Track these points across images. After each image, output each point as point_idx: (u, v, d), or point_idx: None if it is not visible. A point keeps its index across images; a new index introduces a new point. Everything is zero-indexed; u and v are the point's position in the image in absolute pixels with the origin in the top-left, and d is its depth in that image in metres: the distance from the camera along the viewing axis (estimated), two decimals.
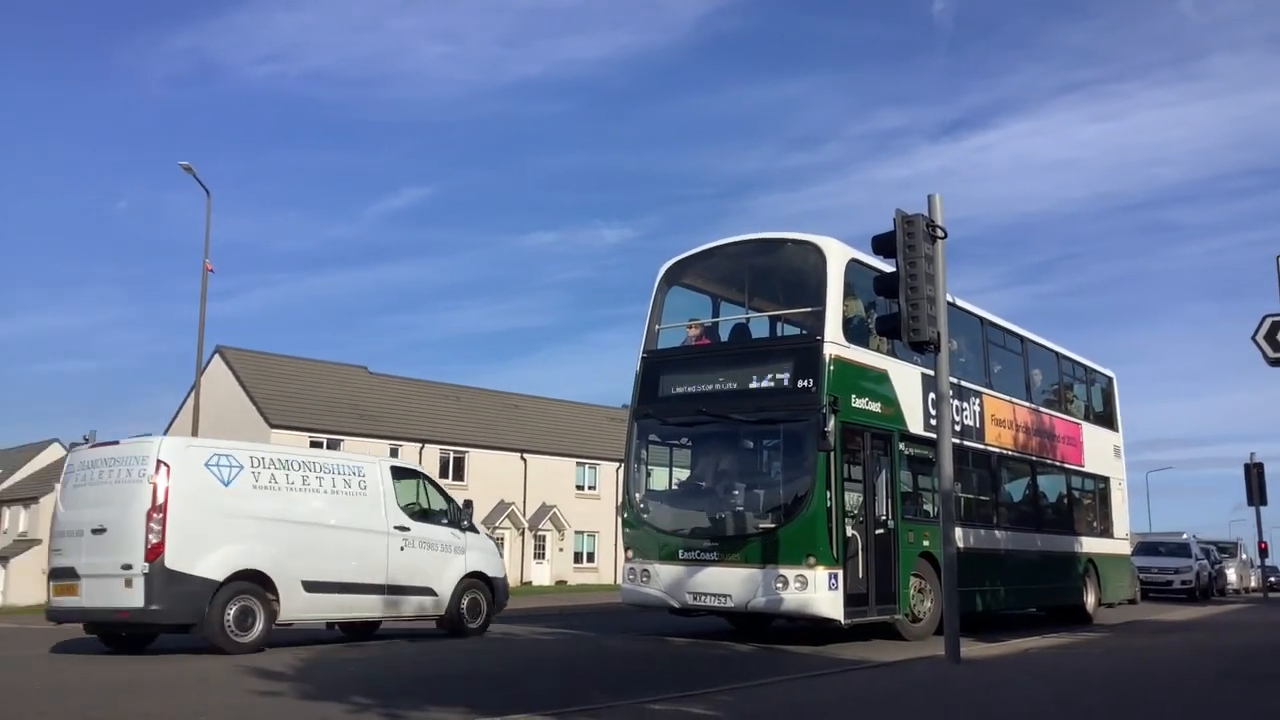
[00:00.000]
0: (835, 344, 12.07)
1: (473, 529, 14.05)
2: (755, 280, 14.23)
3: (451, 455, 46.70)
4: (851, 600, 11.65)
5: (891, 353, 13.16)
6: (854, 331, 12.61)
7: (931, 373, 13.20)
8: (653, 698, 6.84)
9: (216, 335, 56.41)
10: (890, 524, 12.62)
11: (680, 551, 12.38)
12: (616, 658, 11.33)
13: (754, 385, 12.46)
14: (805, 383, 11.96)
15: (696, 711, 6.22)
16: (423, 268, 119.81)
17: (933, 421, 13.06)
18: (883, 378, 12.99)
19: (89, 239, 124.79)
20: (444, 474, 45.94)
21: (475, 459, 47.22)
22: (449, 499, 13.91)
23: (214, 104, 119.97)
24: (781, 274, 13.98)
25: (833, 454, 11.57)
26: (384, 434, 44.58)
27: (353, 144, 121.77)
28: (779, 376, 12.27)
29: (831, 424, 11.36)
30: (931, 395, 13.16)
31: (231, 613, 10.68)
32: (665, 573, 12.42)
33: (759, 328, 14.07)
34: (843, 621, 11.52)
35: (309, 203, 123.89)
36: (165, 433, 47.58)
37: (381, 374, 50.18)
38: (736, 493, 12.61)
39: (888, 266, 12.30)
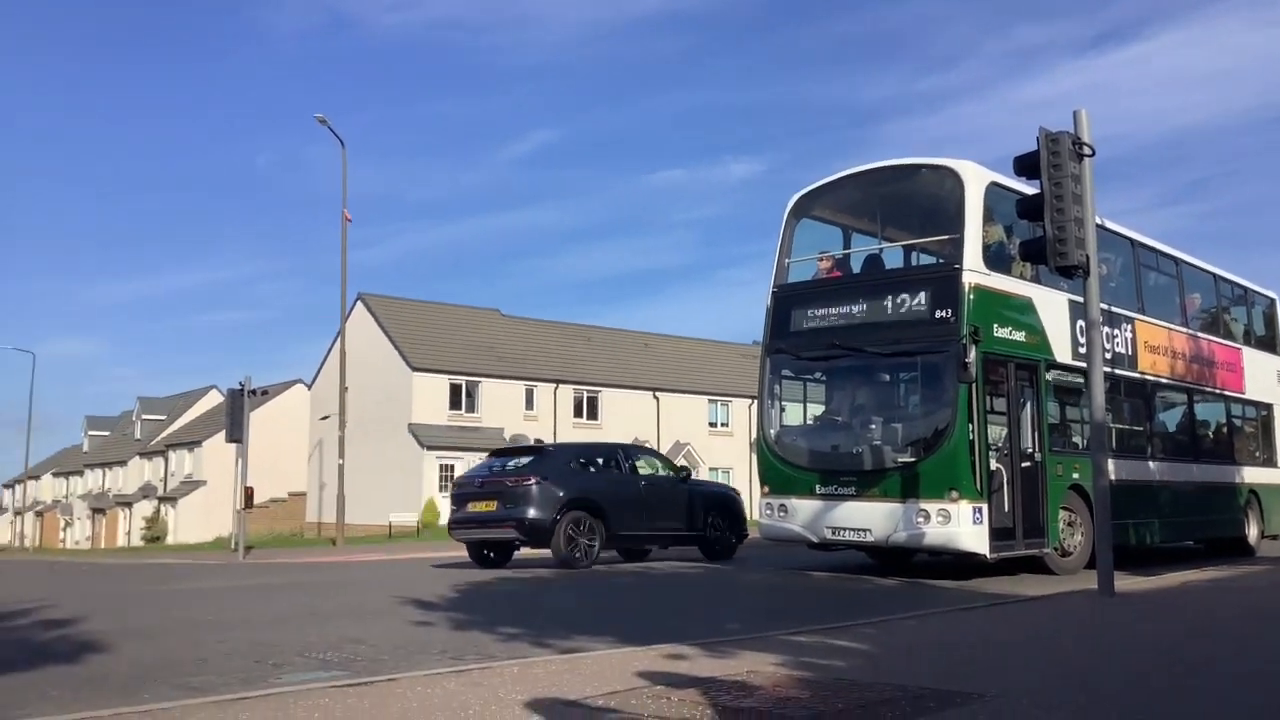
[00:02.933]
0: (975, 272, 11.68)
1: None
2: (888, 209, 13.84)
3: (585, 395, 47.40)
4: (997, 534, 11.39)
5: (1036, 279, 12.69)
6: (995, 258, 12.19)
7: (1080, 299, 12.68)
8: (796, 630, 6.85)
9: (358, 283, 58.27)
10: (1037, 456, 12.25)
11: (817, 486, 12.28)
12: (757, 591, 11.40)
13: (890, 317, 12.17)
14: (944, 313, 11.63)
15: (842, 644, 6.20)
16: (552, 210, 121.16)
17: (1081, 350, 12.60)
18: (1027, 306, 12.54)
19: (235, 194, 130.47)
20: (578, 414, 46.73)
21: (608, 398, 47.82)
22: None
23: (345, 56, 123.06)
24: (916, 201, 13.53)
25: (974, 385, 11.26)
26: (519, 375, 45.51)
27: (481, 90, 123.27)
28: (916, 307, 11.96)
29: (972, 354, 11.05)
30: (1080, 322, 12.66)
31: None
32: (803, 507, 12.38)
33: (893, 258, 13.70)
34: (988, 556, 11.29)
35: (440, 150, 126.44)
36: (314, 378, 49.76)
37: (514, 316, 51.13)
38: (874, 426, 12.40)
39: (1031, 189, 11.84)
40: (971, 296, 11.55)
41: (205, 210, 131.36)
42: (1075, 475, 12.65)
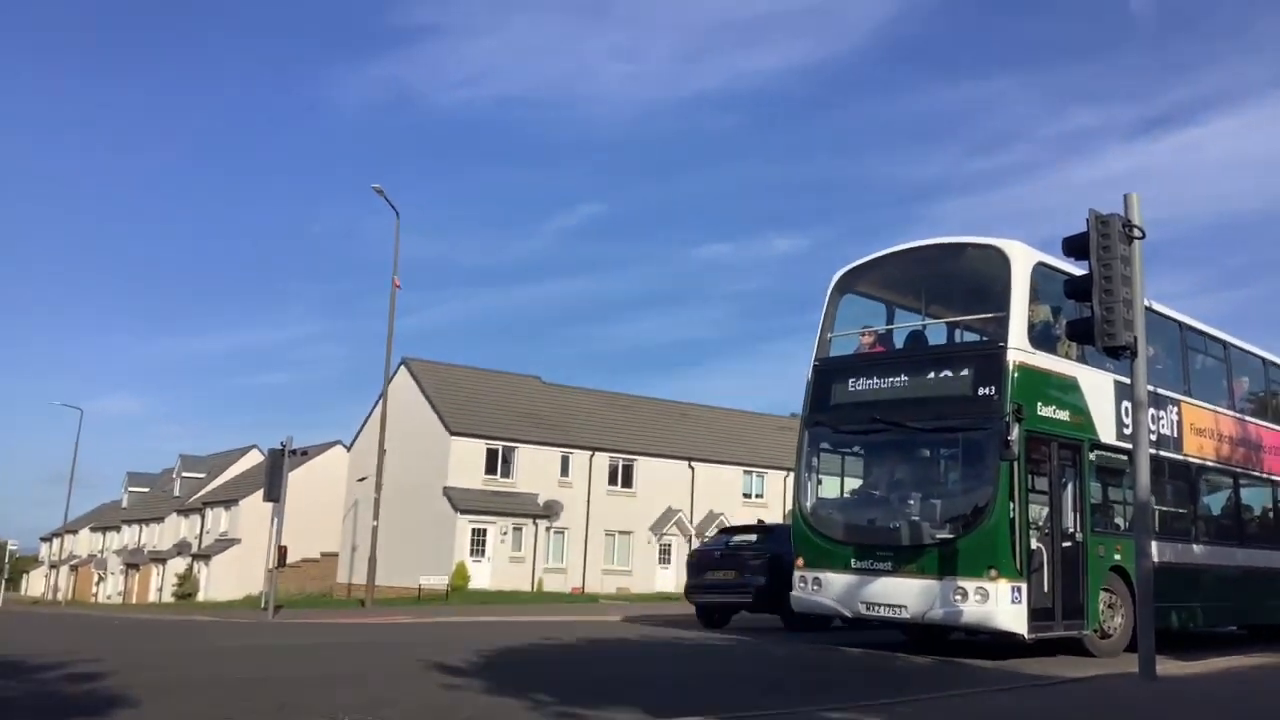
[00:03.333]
0: (1020, 350, 11.63)
1: None
2: (933, 287, 13.83)
3: (621, 462, 47.24)
4: (1035, 614, 11.17)
5: (1082, 359, 12.59)
6: (1040, 337, 12.14)
7: (1125, 379, 12.54)
8: (828, 706, 6.69)
9: (403, 348, 59.00)
10: (1078, 536, 12.04)
11: (853, 560, 12.11)
12: (786, 665, 11.16)
13: (932, 392, 12.09)
14: (987, 390, 11.56)
15: None
16: (596, 281, 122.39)
17: (1126, 430, 12.48)
18: (1071, 385, 12.41)
19: (288, 259, 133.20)
20: (613, 481, 46.55)
21: (643, 466, 47.61)
22: None
23: (407, 129, 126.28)
24: (962, 280, 13.52)
25: (1016, 463, 11.13)
26: (556, 441, 45.50)
27: (534, 163, 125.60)
28: (959, 383, 11.89)
29: (1015, 433, 10.95)
30: (1125, 403, 12.55)
31: None
32: (837, 581, 12.20)
33: (935, 336, 13.62)
34: (1026, 636, 11.06)
35: (490, 221, 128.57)
36: (354, 439, 50.04)
37: (554, 383, 51.29)
38: (913, 502, 12.22)
39: (1078, 270, 11.81)
40: (1015, 374, 11.48)
41: (258, 274, 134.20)
42: (1117, 556, 12.44)
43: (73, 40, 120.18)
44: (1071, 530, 12.02)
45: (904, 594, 11.58)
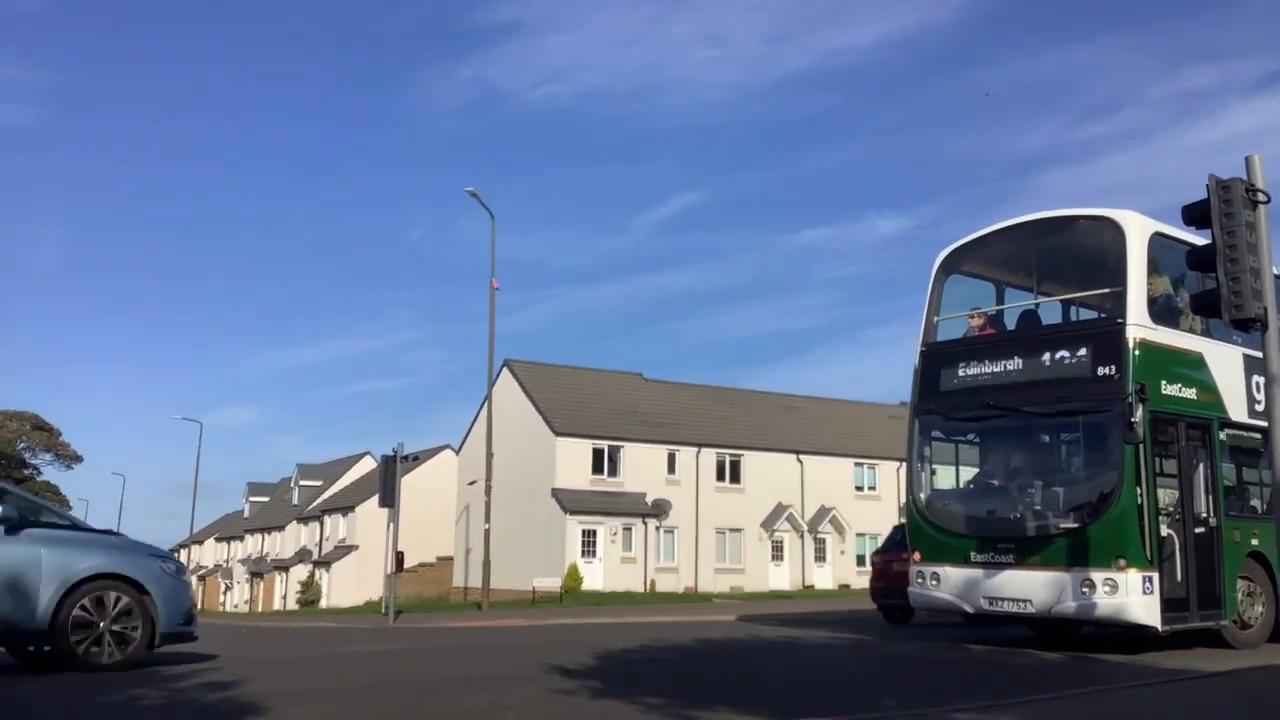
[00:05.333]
0: (1140, 326, 11.17)
1: None
2: (1044, 263, 13.36)
3: (728, 458, 47.06)
4: (1169, 605, 10.70)
5: (1206, 333, 12.06)
6: (1160, 312, 11.63)
7: (1255, 353, 11.91)
8: (955, 706, 6.50)
9: (504, 349, 59.73)
10: (1212, 521, 11.49)
11: (973, 554, 11.75)
12: (909, 664, 10.91)
13: (1048, 375, 11.66)
14: (1108, 370, 11.11)
15: None
16: (694, 273, 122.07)
17: (1258, 407, 11.92)
18: (1197, 361, 11.88)
19: (389, 266, 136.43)
20: (720, 477, 46.41)
21: (751, 461, 47.34)
22: None
23: (497, 130, 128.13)
24: (1074, 254, 13.05)
25: (1142, 446, 10.67)
26: (661, 439, 45.55)
27: (624, 157, 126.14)
28: (1077, 364, 11.46)
29: (1139, 413, 10.49)
30: (1257, 378, 11.94)
31: None
32: (956, 576, 11.87)
33: (1048, 314, 13.16)
34: (1159, 628, 10.60)
35: (584, 217, 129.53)
36: (462, 443, 50.97)
37: (656, 380, 51.38)
38: (1034, 491, 11.83)
39: (1199, 239, 11.27)
40: (1137, 352, 11.03)
41: (363, 282, 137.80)
42: (1254, 542, 11.86)
43: (167, 57, 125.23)
44: (1204, 515, 11.47)
45: (1029, 587, 11.20)
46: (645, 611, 23.77)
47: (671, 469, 45.30)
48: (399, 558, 25.58)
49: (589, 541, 41.56)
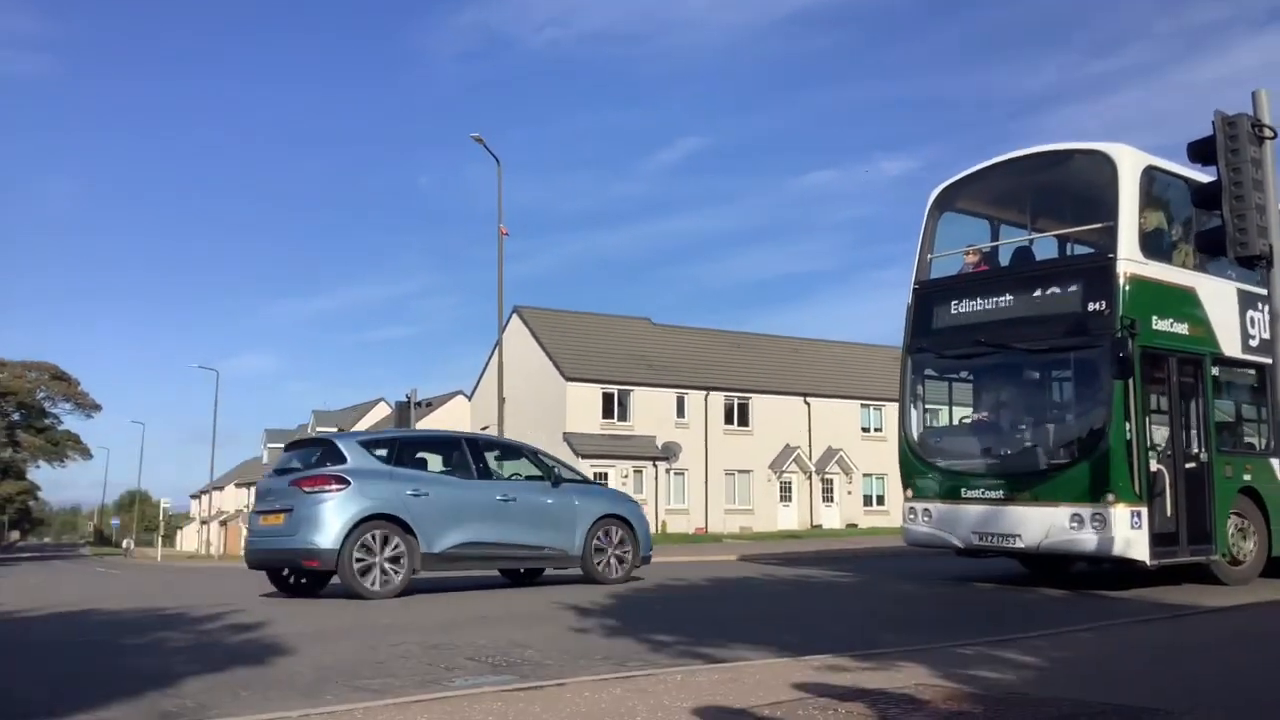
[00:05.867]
0: (1131, 261, 11.08)
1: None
2: (1037, 199, 13.31)
3: (736, 401, 47.30)
4: (1158, 540, 10.72)
5: (1200, 268, 12.06)
6: (1153, 247, 11.58)
7: (1250, 288, 12.08)
8: (959, 641, 6.67)
9: (513, 296, 59.88)
10: (1202, 457, 11.52)
11: (963, 490, 11.88)
12: (915, 601, 11.14)
13: (1039, 311, 11.63)
14: (1097, 305, 11.06)
15: (1012, 656, 6.01)
16: (701, 217, 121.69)
17: (1252, 343, 12.03)
18: (1189, 296, 11.84)
19: (399, 214, 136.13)
20: (729, 420, 46.73)
21: (759, 404, 47.59)
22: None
23: (500, 75, 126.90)
24: (1066, 189, 12.96)
25: (1132, 382, 10.73)
26: (670, 383, 45.77)
27: (629, 101, 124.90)
28: (1067, 300, 11.38)
29: (1129, 348, 10.57)
30: (1252, 313, 12.09)
31: None
32: (948, 512, 11.99)
33: (1044, 250, 13.14)
34: (1148, 563, 10.66)
35: (591, 162, 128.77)
36: (474, 389, 51.27)
37: (664, 324, 51.47)
38: (1024, 427, 11.95)
39: (1194, 173, 11.36)
40: (1127, 287, 10.99)
41: (372, 230, 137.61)
42: (1247, 477, 11.95)
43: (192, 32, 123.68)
44: (1195, 451, 11.53)
45: (1018, 522, 11.30)
46: (657, 552, 24.04)
47: (681, 412, 45.59)
48: None
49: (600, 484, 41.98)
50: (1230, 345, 12.14)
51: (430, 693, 5.10)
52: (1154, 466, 10.96)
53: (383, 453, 12.13)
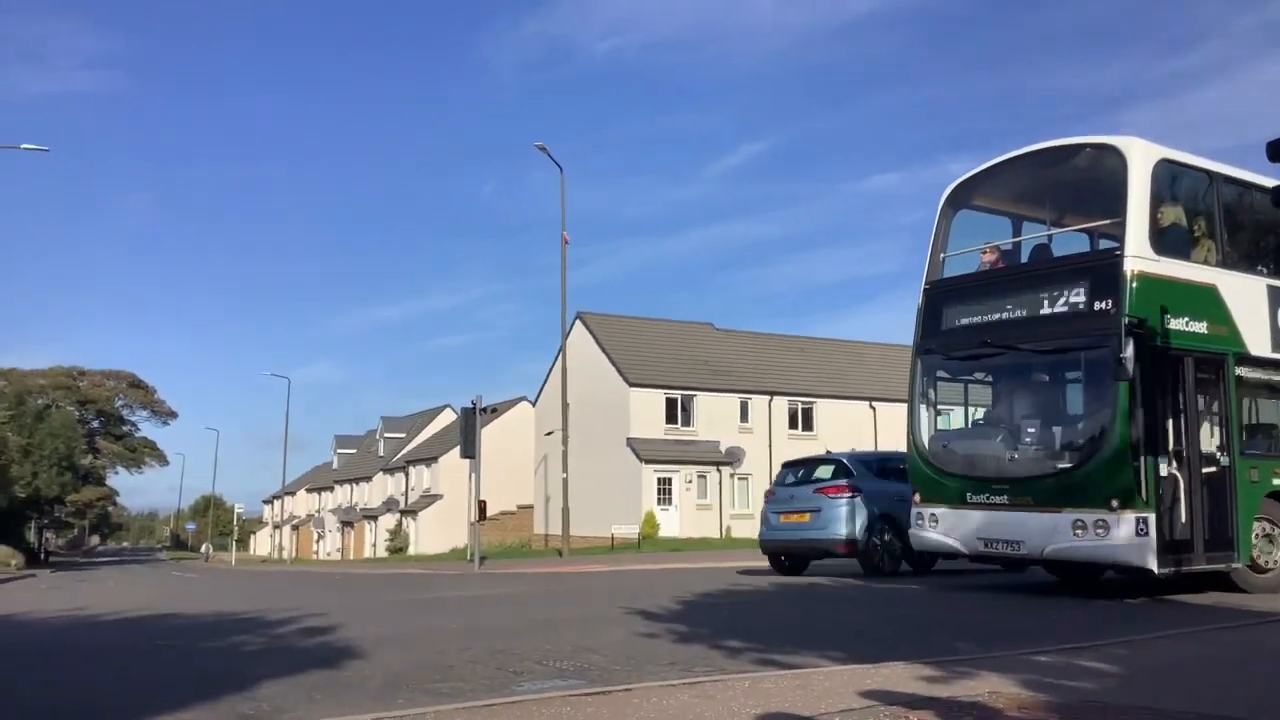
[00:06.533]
0: (1139, 258, 10.59)
1: None
2: (1052, 194, 12.89)
3: (800, 406, 46.96)
4: (1168, 547, 10.23)
5: (1224, 264, 11.54)
6: (1169, 243, 11.10)
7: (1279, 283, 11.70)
8: (1033, 649, 6.55)
9: (576, 302, 60.29)
10: (1223, 460, 10.96)
11: (969, 495, 11.50)
12: (984, 608, 10.90)
13: (1045, 311, 11.19)
14: (1104, 304, 10.60)
15: (1088, 664, 5.88)
16: (763, 222, 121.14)
17: None
18: (1209, 294, 11.27)
19: (464, 223, 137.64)
20: (793, 425, 46.38)
21: (823, 409, 47.20)
22: None
23: (564, 84, 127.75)
24: (1079, 184, 12.51)
25: (1138, 383, 10.26)
26: (733, 388, 45.60)
27: (691, 107, 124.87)
28: (1074, 299, 10.94)
29: (1130, 349, 10.06)
30: None
31: None
32: (954, 517, 11.66)
33: (1061, 248, 12.64)
34: (1156, 571, 10.15)
35: (652, 168, 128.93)
36: (538, 395, 51.64)
37: (727, 329, 51.34)
38: (1028, 430, 11.50)
39: (1218, 166, 11.37)
40: (1134, 285, 10.51)
41: (437, 240, 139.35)
42: (1277, 481, 11.40)
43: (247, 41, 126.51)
44: (1214, 454, 10.99)
45: (1020, 529, 10.89)
46: (722, 557, 24.02)
47: (744, 417, 45.39)
48: (481, 506, 26.18)
49: (664, 489, 41.96)
50: (1258, 344, 11.59)
51: (498, 697, 5.14)
52: (1164, 471, 10.46)
53: (873, 468, 15.90)
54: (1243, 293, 11.62)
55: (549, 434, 43.42)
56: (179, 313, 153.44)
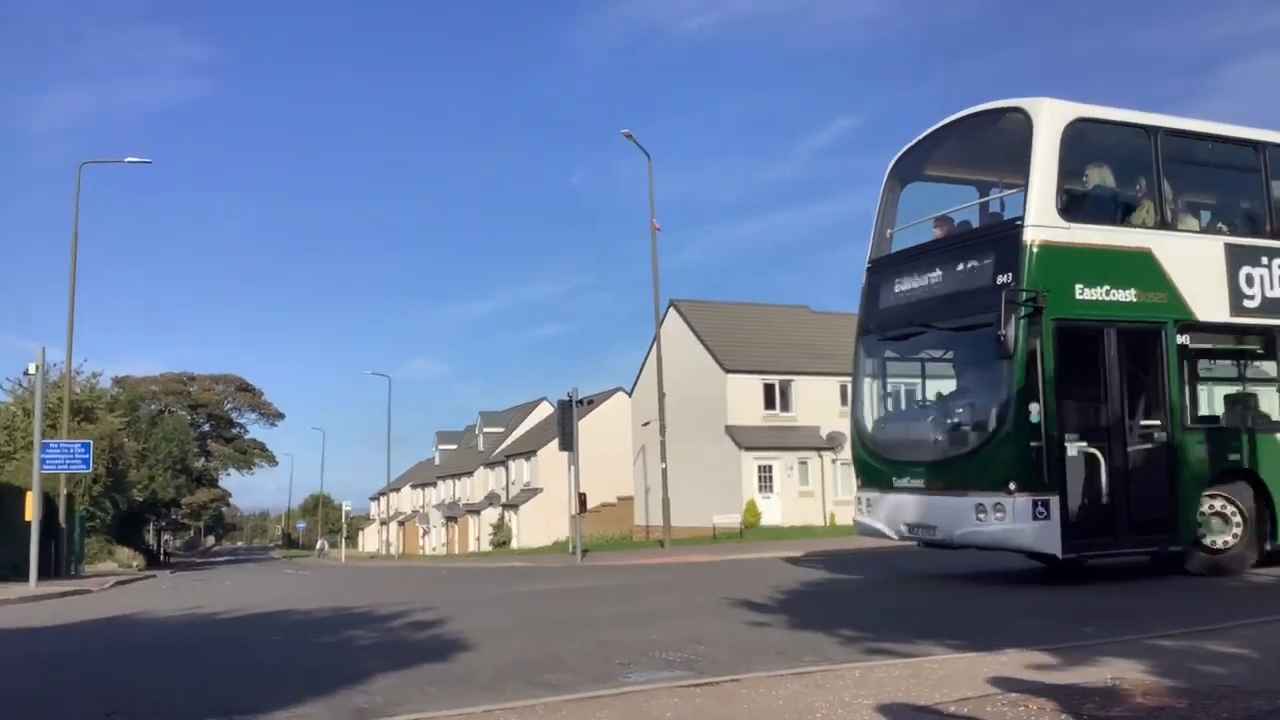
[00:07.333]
0: (1041, 227, 10.08)
1: None
2: (990, 161, 12.27)
3: None
4: (1077, 531, 9.77)
5: (1165, 225, 10.81)
6: (1091, 207, 10.60)
7: (1251, 242, 11.14)
8: (1157, 633, 6.30)
9: (669, 289, 60.34)
10: (1159, 436, 10.35)
11: (894, 479, 11.24)
12: (1105, 593, 10.52)
13: (962, 286, 10.74)
14: (1006, 277, 10.07)
15: (1217, 648, 5.63)
16: (856, 199, 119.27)
17: (1250, 303, 10.87)
18: (1142, 259, 10.55)
19: (553, 213, 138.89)
20: None
21: None
22: None
23: (648, 67, 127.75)
24: (1006, 150, 11.62)
25: (1045, 360, 9.78)
26: (833, 372, 44.99)
27: (778, 85, 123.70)
28: (984, 273, 10.46)
29: (1013, 325, 9.59)
30: (1249, 271, 10.88)
31: None
32: (883, 502, 11.42)
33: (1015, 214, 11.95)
34: (1059, 555, 9.78)
35: (741, 149, 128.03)
36: (633, 385, 51.81)
37: (824, 311, 50.70)
38: (942, 412, 11.21)
39: (1159, 119, 10.90)
40: (1034, 255, 10.00)
41: (527, 232, 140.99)
42: (1236, 457, 10.69)
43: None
44: (1150, 430, 10.36)
45: (934, 513, 10.63)
46: (826, 544, 23.76)
47: (845, 401, 44.75)
48: (581, 499, 26.38)
49: (765, 477, 41.68)
50: (1210, 309, 10.79)
51: (606, 689, 5.14)
52: (1074, 451, 9.92)
53: None
54: (1189, 255, 10.89)
55: (646, 424, 43.51)
56: (280, 316, 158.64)
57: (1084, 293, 10.21)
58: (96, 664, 8.03)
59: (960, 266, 10.89)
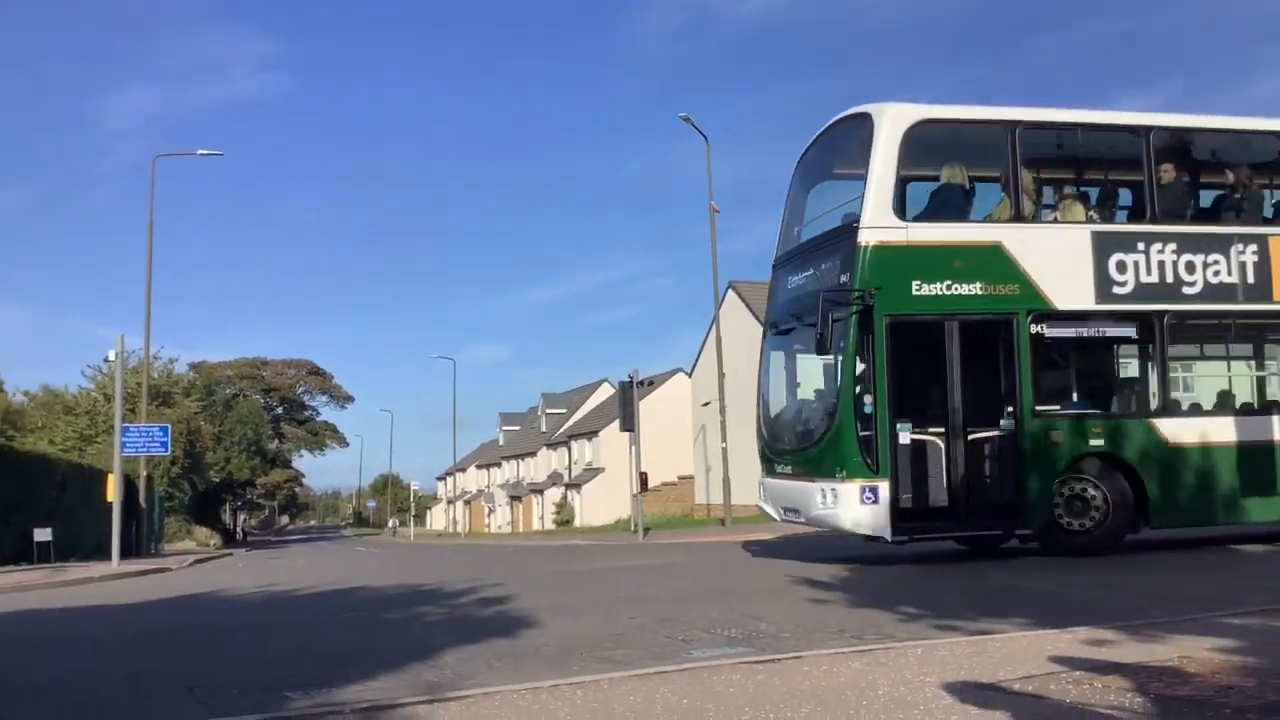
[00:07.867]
0: (876, 229, 10.72)
1: None
2: (857, 164, 12.30)
3: None
4: (908, 515, 10.53)
5: (1022, 218, 11.17)
6: (936, 206, 11.24)
7: (1118, 228, 11.54)
8: (1232, 611, 6.20)
9: (728, 271, 60.15)
10: (1006, 424, 10.84)
11: (776, 466, 12.15)
12: (1179, 568, 10.37)
13: (816, 286, 11.39)
14: (844, 277, 10.84)
15: None
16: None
17: (1121, 290, 11.08)
18: (991, 252, 10.97)
19: (613, 198, 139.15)
20: None
21: None
22: None
23: (709, 51, 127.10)
24: (860, 153, 11.89)
25: (877, 354, 10.47)
26: None
27: (838, 64, 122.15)
28: (830, 273, 11.24)
29: (831, 324, 10.39)
30: (1120, 258, 11.08)
31: None
32: (769, 486, 12.34)
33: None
34: (889, 539, 10.52)
35: (799, 131, 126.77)
36: (693, 366, 51.77)
37: None
38: (800, 405, 12.26)
39: (1017, 113, 11.27)
40: (868, 257, 10.63)
41: (589, 216, 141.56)
42: (1098, 442, 10.96)
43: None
44: (997, 416, 10.85)
45: (797, 497, 11.41)
46: None
47: None
48: (643, 478, 26.54)
49: None
50: (1072, 298, 11.06)
51: (669, 664, 5.21)
52: (906, 439, 10.60)
53: None
54: (1047, 246, 11.24)
55: (705, 404, 43.48)
56: (349, 301, 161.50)
57: (922, 289, 10.83)
58: (176, 640, 8.32)
59: (819, 267, 11.70)
